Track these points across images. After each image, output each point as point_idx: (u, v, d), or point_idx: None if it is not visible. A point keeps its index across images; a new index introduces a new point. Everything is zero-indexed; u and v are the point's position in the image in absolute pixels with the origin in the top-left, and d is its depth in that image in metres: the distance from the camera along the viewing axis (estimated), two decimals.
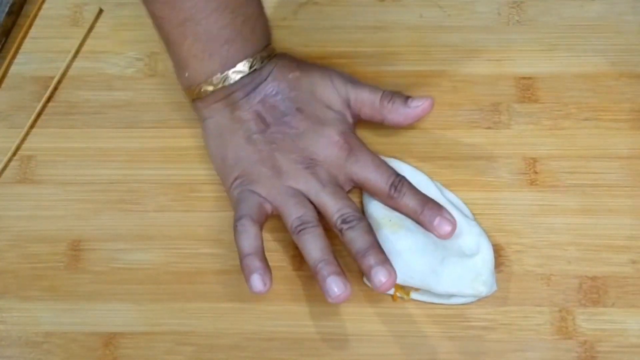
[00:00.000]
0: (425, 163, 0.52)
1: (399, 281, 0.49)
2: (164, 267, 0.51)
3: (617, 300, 0.48)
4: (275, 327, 0.49)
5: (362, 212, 0.51)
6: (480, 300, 0.48)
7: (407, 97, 0.50)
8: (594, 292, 0.48)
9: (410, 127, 0.53)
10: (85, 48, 0.57)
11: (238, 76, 0.48)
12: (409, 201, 0.48)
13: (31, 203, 0.53)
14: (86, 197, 0.53)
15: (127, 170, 0.53)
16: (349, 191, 0.50)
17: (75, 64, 0.57)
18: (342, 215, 0.47)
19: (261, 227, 0.47)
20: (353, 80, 0.51)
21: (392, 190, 0.48)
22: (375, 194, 0.49)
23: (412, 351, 0.48)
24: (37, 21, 0.59)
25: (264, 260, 0.46)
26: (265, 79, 0.49)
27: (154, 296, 0.50)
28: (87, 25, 0.58)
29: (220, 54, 0.48)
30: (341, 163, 0.49)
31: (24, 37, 0.58)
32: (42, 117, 0.55)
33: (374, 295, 0.49)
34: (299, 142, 0.49)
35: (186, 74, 0.49)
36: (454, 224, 0.47)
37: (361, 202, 0.51)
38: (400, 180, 0.48)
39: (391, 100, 0.50)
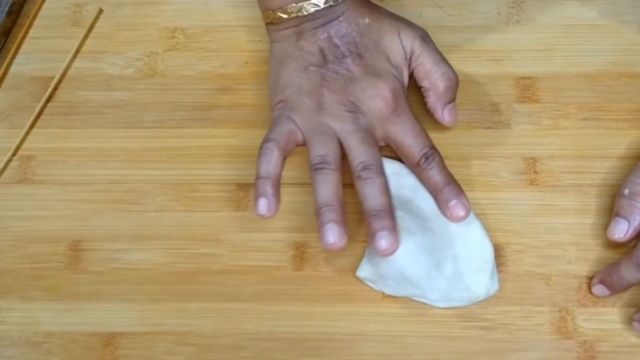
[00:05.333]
0: None
1: (391, 292, 0.49)
2: (164, 267, 0.51)
3: (617, 300, 0.48)
4: (275, 327, 0.49)
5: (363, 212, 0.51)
6: (481, 300, 0.48)
7: (450, 102, 0.51)
8: None
9: None
10: (85, 48, 0.57)
11: (312, 9, 0.49)
12: (434, 175, 0.48)
13: (31, 203, 0.53)
14: (86, 197, 0.53)
15: (127, 170, 0.53)
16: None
17: (75, 64, 0.57)
18: (363, 162, 0.48)
19: (285, 155, 0.48)
20: (424, 37, 0.51)
21: (422, 160, 0.48)
22: (405, 159, 0.49)
23: (412, 351, 0.48)
24: (37, 21, 0.59)
25: (277, 187, 0.47)
26: (337, 18, 0.50)
27: (154, 296, 0.50)
28: (87, 25, 0.58)
29: None
30: (382, 118, 0.49)
31: (24, 37, 0.58)
32: (42, 117, 0.55)
33: (373, 295, 0.49)
34: (349, 86, 0.49)
35: None
36: (468, 211, 0.47)
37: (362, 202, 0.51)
38: (433, 153, 0.48)
39: (441, 91, 0.50)
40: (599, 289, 0.48)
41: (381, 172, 0.48)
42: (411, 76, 0.51)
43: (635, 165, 0.49)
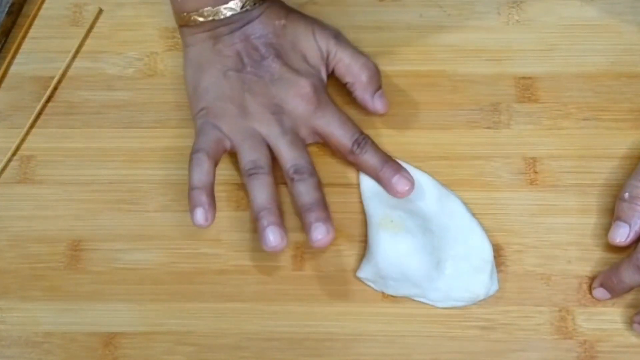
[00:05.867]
0: (425, 163, 0.52)
1: (391, 292, 0.49)
2: (164, 267, 0.51)
3: (617, 301, 0.48)
4: (275, 327, 0.49)
5: (363, 212, 0.51)
6: (480, 300, 0.48)
7: (378, 90, 0.51)
8: None
9: (410, 127, 0.53)
10: (85, 48, 0.57)
11: (229, 13, 0.49)
12: (369, 158, 0.49)
13: (31, 203, 0.53)
14: (86, 197, 0.53)
15: (127, 170, 0.53)
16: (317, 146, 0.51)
17: (75, 64, 0.57)
18: (294, 165, 0.48)
19: (216, 163, 0.49)
20: (338, 36, 0.52)
21: (355, 146, 0.49)
22: (338, 150, 0.50)
23: (412, 351, 0.48)
24: (37, 21, 0.59)
25: (211, 196, 0.47)
26: (253, 20, 0.50)
27: (154, 296, 0.50)
28: (87, 25, 0.58)
29: None
30: (307, 115, 0.50)
31: (24, 37, 0.58)
32: (42, 117, 0.55)
33: (373, 295, 0.49)
34: (271, 88, 0.50)
35: None
36: (412, 183, 0.48)
37: (360, 202, 0.51)
38: (364, 138, 0.49)
39: (365, 81, 0.51)
40: (599, 292, 0.48)
41: (313, 173, 0.49)
42: (332, 76, 0.52)
43: (636, 166, 0.49)
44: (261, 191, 0.48)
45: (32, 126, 0.55)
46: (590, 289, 0.48)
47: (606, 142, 0.52)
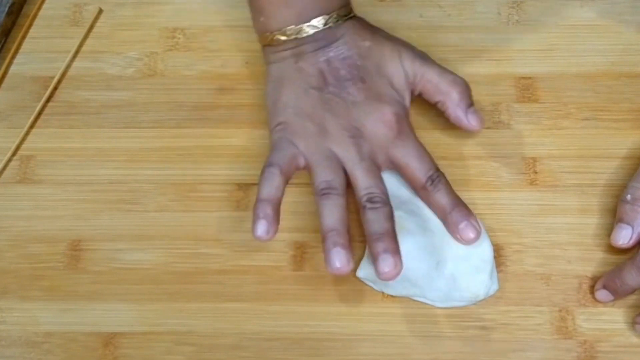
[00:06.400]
0: None
1: (391, 292, 0.49)
2: (164, 267, 0.51)
3: (617, 300, 0.48)
4: (275, 327, 0.49)
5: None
6: (480, 300, 0.48)
7: (470, 106, 0.50)
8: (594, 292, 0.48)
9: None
10: (85, 48, 0.57)
11: (312, 31, 0.49)
12: (441, 197, 0.48)
13: (31, 203, 0.53)
14: (86, 197, 0.53)
15: (127, 170, 0.53)
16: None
17: (75, 64, 0.57)
18: (369, 193, 0.47)
19: (287, 179, 0.48)
20: (424, 56, 0.51)
21: (429, 183, 0.48)
22: (410, 182, 0.49)
23: (412, 351, 0.48)
24: (37, 21, 0.59)
25: (276, 211, 0.46)
26: (337, 40, 0.49)
27: (154, 296, 0.50)
28: (87, 25, 0.58)
29: (297, 5, 0.49)
30: (386, 143, 0.49)
31: (24, 37, 0.58)
32: (42, 117, 0.55)
33: (373, 295, 0.49)
34: (352, 111, 0.49)
35: (261, 19, 0.50)
36: (478, 232, 0.47)
37: None
38: (438, 176, 0.48)
39: (457, 98, 0.50)
40: (602, 294, 0.48)
41: (387, 202, 0.47)
42: (419, 96, 0.51)
43: (636, 167, 0.49)
44: (332, 212, 0.46)
45: (32, 126, 0.55)
46: (591, 289, 0.48)
47: (606, 142, 0.52)
